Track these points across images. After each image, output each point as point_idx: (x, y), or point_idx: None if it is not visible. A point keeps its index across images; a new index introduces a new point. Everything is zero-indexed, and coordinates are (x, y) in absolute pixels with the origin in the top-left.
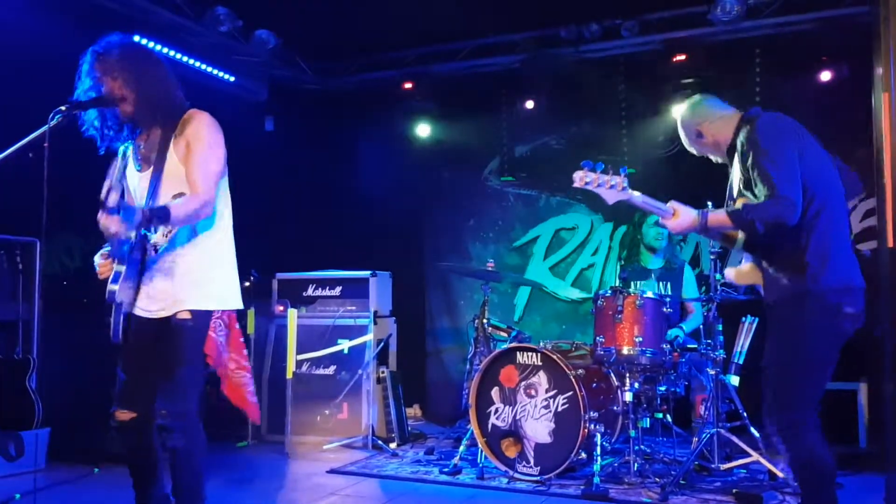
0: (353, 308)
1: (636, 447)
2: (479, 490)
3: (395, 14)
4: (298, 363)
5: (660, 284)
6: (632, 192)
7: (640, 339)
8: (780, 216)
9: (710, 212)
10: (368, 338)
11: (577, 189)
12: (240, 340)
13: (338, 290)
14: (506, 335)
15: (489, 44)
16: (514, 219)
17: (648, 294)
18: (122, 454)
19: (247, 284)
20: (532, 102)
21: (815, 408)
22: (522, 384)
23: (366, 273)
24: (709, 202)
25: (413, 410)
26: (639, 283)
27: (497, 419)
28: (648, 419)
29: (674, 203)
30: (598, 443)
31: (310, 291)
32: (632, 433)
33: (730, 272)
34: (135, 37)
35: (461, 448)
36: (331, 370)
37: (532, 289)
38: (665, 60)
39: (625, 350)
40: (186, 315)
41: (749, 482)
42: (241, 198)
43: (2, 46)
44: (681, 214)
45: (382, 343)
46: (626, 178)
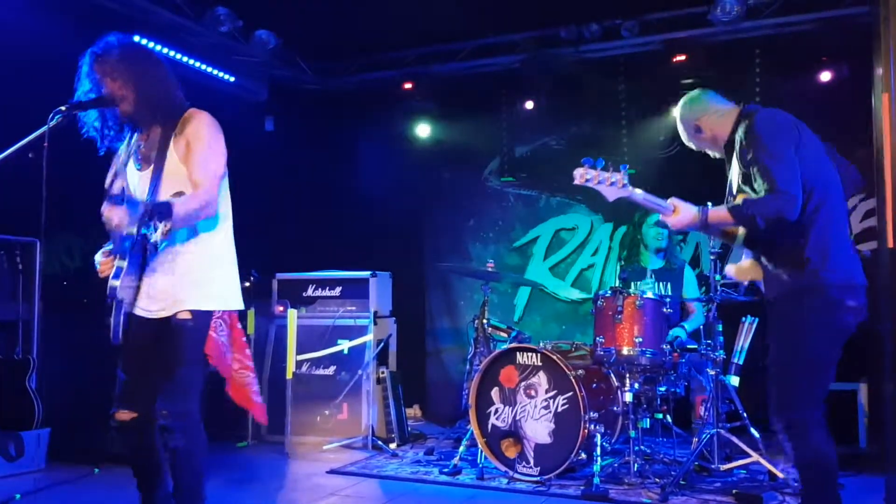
0: (353, 308)
1: (636, 448)
2: (479, 490)
3: (395, 14)
4: (298, 363)
5: (659, 285)
6: (632, 189)
7: (640, 340)
8: (781, 211)
9: (711, 208)
10: (368, 338)
11: (578, 189)
12: (242, 340)
13: (338, 291)
14: (506, 335)
15: (489, 44)
16: (514, 219)
17: (648, 294)
18: (125, 455)
19: (247, 285)
20: (532, 103)
21: (820, 406)
22: (522, 384)
23: (366, 273)
24: (709, 202)
25: (413, 411)
26: (638, 284)
27: (497, 419)
28: (648, 420)
29: (674, 200)
30: (598, 443)
31: (310, 292)
32: (632, 434)
33: (730, 268)
34: (135, 37)
35: (461, 448)
36: (331, 370)
37: (532, 289)
38: (665, 61)
39: (625, 350)
40: (187, 315)
41: (749, 483)
42: (241, 198)
43: (2, 46)
44: (681, 211)
45: (382, 343)
46: (627, 175)
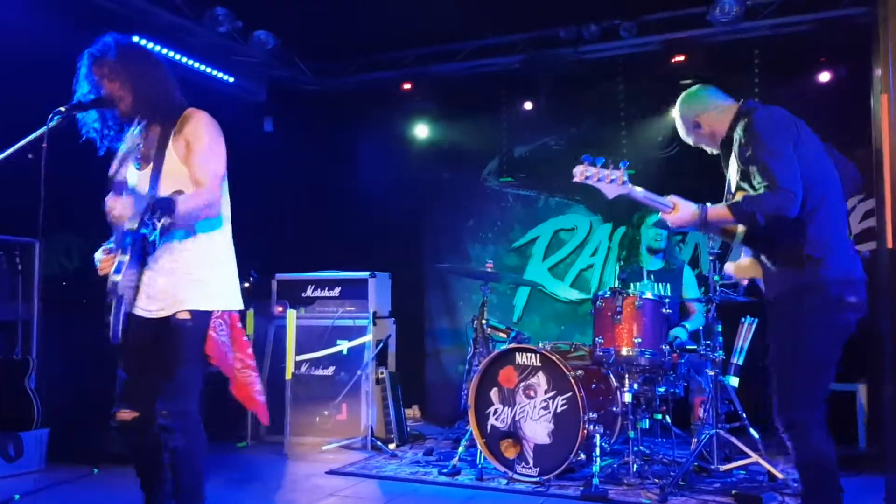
0: (353, 309)
1: (635, 448)
2: (478, 491)
3: (395, 15)
4: (297, 364)
5: (659, 285)
6: (632, 187)
7: (640, 340)
8: (781, 208)
9: (710, 206)
10: (367, 338)
11: (577, 190)
12: (243, 339)
13: (337, 291)
14: (505, 336)
15: (488, 44)
16: (514, 219)
17: (647, 295)
18: (127, 455)
19: (246, 285)
20: (531, 103)
21: (821, 405)
22: (521, 385)
23: (365, 274)
24: (708, 203)
25: (412, 411)
26: (637, 286)
27: (496, 420)
28: (647, 420)
29: (674, 197)
30: (598, 444)
31: (309, 292)
32: (631, 434)
33: (729, 266)
34: (134, 37)
35: (460, 449)
36: (330, 371)
37: (531, 289)
38: (664, 61)
39: (624, 351)
40: (186, 315)
41: (748, 483)
42: (241, 198)
43: (2, 46)
44: (681, 208)
45: (381, 344)
46: (626, 173)
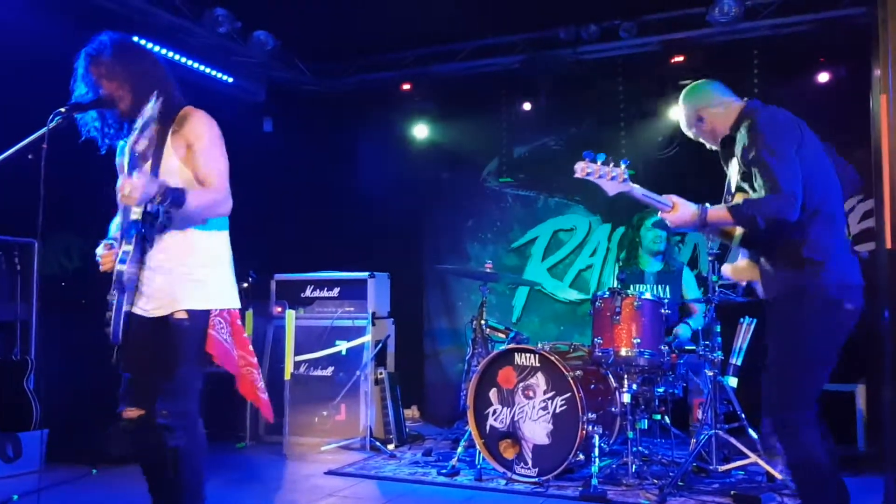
0: (352, 309)
1: (634, 448)
2: (477, 491)
3: (394, 15)
4: (296, 364)
5: (658, 287)
6: (632, 185)
7: (639, 341)
8: (781, 211)
9: (710, 207)
10: (366, 339)
11: (576, 190)
12: (244, 337)
13: (336, 292)
14: (504, 336)
15: (488, 45)
16: (513, 220)
17: (646, 295)
18: (127, 455)
19: (245, 285)
20: (530, 103)
21: (813, 406)
22: (520, 385)
23: (364, 274)
24: (707, 203)
25: (411, 412)
26: (637, 287)
27: (495, 420)
28: (646, 420)
29: (673, 197)
30: (596, 444)
31: (308, 292)
32: (630, 434)
33: (727, 268)
34: (133, 37)
35: (459, 449)
36: (329, 371)
37: (530, 290)
38: (663, 61)
39: (623, 351)
40: (183, 315)
41: (747, 484)
42: (240, 198)
43: (2, 46)
44: (680, 208)
45: (380, 344)
46: (627, 170)
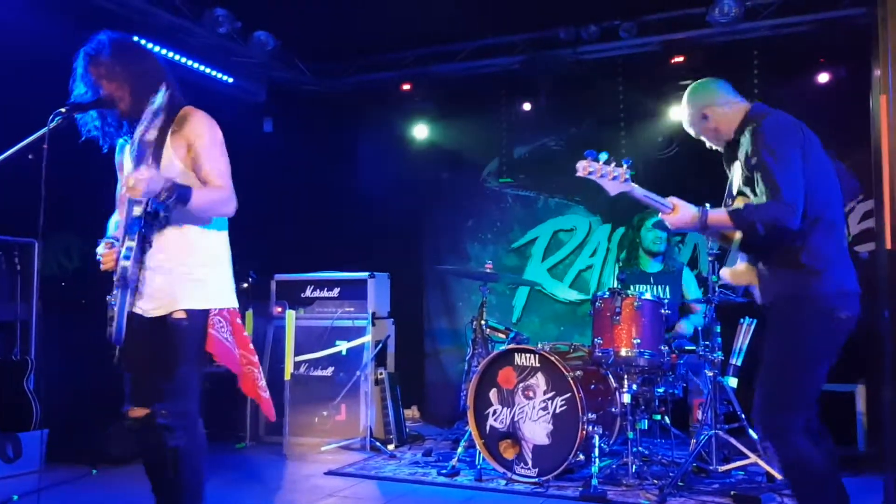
0: (352, 309)
1: (634, 449)
2: (477, 492)
3: (394, 15)
4: (296, 364)
5: (658, 287)
6: (633, 185)
7: (639, 341)
8: (782, 219)
9: (711, 210)
10: (366, 339)
11: (576, 190)
12: (244, 335)
13: (336, 292)
14: (504, 336)
15: (488, 45)
16: (513, 220)
17: (646, 296)
18: (138, 454)
19: (245, 286)
20: (530, 104)
21: (804, 411)
22: (520, 386)
23: (364, 274)
24: (707, 204)
25: (411, 412)
26: (637, 287)
27: (495, 421)
28: (646, 421)
29: (674, 199)
30: (597, 444)
31: (308, 293)
32: (630, 435)
33: (725, 272)
34: (133, 37)
35: (459, 450)
36: (329, 371)
37: (530, 290)
38: (663, 62)
39: (623, 351)
40: (182, 315)
41: (747, 484)
42: (240, 199)
43: (2, 46)
44: (680, 210)
45: (381, 344)
46: (629, 170)
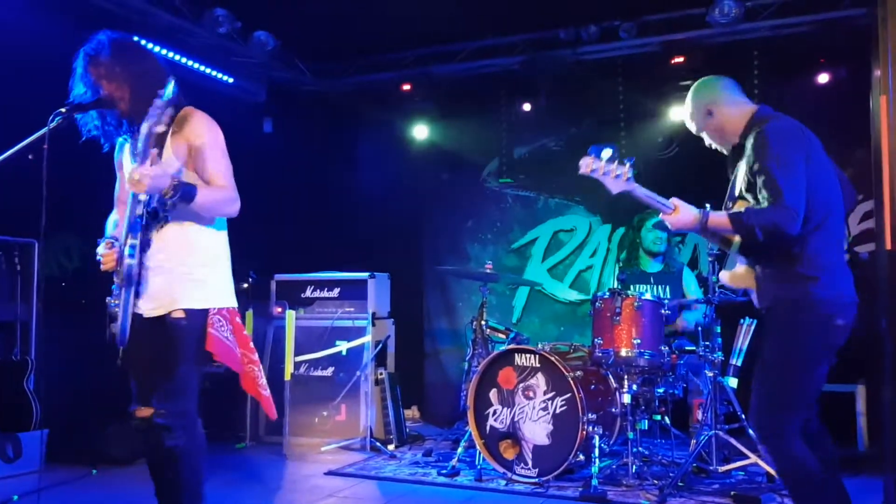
0: (352, 309)
1: (634, 449)
2: (477, 492)
3: (394, 16)
4: (297, 365)
5: (658, 287)
6: (635, 185)
7: (639, 341)
8: (782, 225)
9: (712, 212)
10: (367, 339)
11: (576, 191)
12: (244, 334)
13: (336, 292)
14: (504, 337)
15: (488, 45)
16: (513, 220)
17: (646, 296)
18: (143, 454)
19: (245, 286)
20: (531, 104)
21: (800, 412)
22: (521, 386)
23: (364, 274)
24: (707, 204)
25: (411, 412)
26: (637, 287)
27: (495, 421)
28: (647, 421)
29: (675, 200)
30: (597, 445)
31: (308, 293)
32: (630, 435)
33: (724, 275)
34: (133, 37)
35: (459, 450)
36: (329, 372)
37: (530, 290)
38: (663, 62)
39: (623, 352)
40: (181, 314)
41: (747, 484)
42: (240, 199)
43: (2, 46)
44: (681, 211)
45: (381, 344)
46: (632, 169)
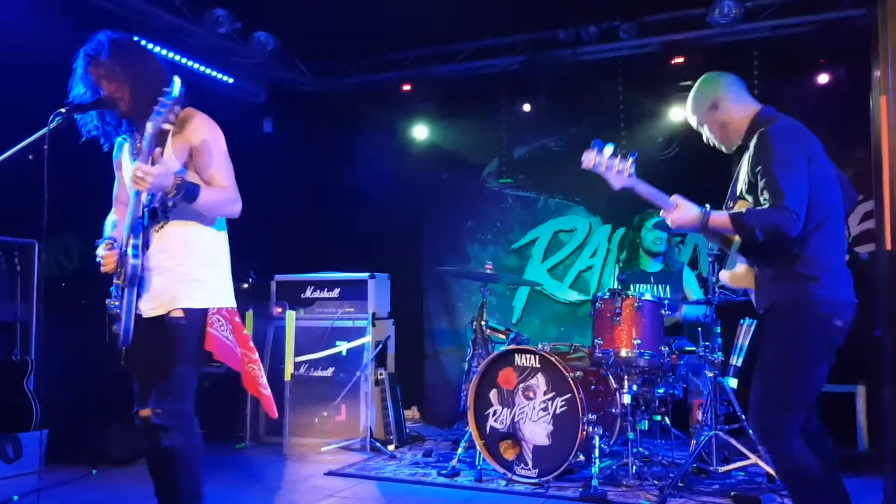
0: (352, 310)
1: (634, 449)
2: (477, 492)
3: (394, 16)
4: (297, 365)
5: (658, 287)
6: (637, 180)
7: (639, 342)
8: (783, 226)
9: (713, 211)
10: (367, 339)
11: (576, 191)
12: (244, 334)
13: (336, 292)
14: (504, 337)
15: (488, 46)
16: (513, 220)
17: (646, 296)
18: (144, 454)
19: (245, 286)
20: (530, 104)
21: (800, 413)
22: (521, 386)
23: (364, 275)
24: (707, 204)
25: (411, 412)
26: (637, 287)
27: (495, 421)
28: (647, 421)
29: (677, 197)
30: (597, 445)
31: (308, 293)
32: (630, 435)
33: (724, 275)
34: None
35: (459, 450)
36: (329, 372)
37: (530, 291)
38: (663, 63)
39: (623, 352)
40: (179, 314)
41: (747, 485)
42: (241, 199)
43: (2, 46)
44: (683, 209)
45: (381, 345)
46: (634, 165)
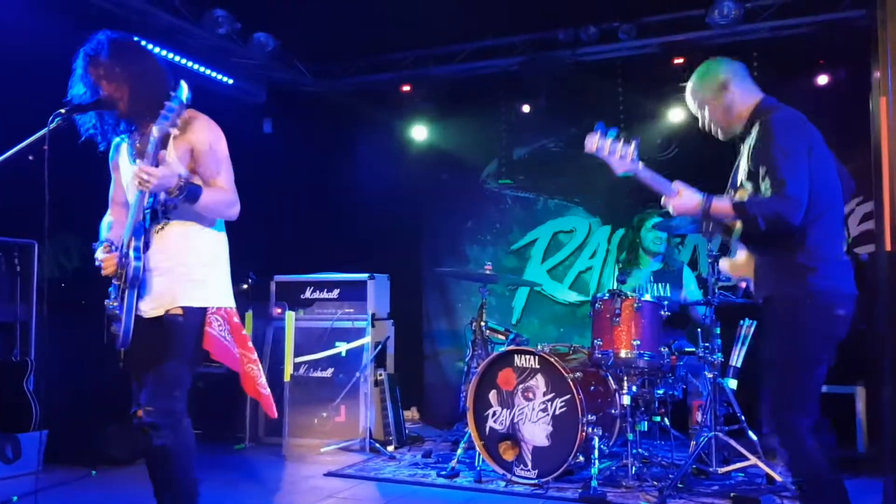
0: (351, 310)
1: (634, 450)
2: (477, 493)
3: (394, 17)
4: (296, 366)
5: (658, 286)
6: (640, 165)
7: (638, 343)
8: (785, 215)
9: (714, 198)
10: (366, 340)
11: (576, 192)
12: (242, 334)
13: (336, 293)
14: (503, 338)
15: (487, 46)
16: (512, 221)
17: (646, 297)
18: (143, 454)
19: (245, 287)
20: (530, 105)
21: (809, 409)
22: (520, 387)
23: (364, 275)
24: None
25: (411, 413)
26: (636, 279)
27: (495, 422)
28: (646, 422)
29: (679, 183)
30: (596, 446)
31: (308, 294)
32: (629, 436)
33: (724, 263)
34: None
35: (459, 451)
36: (328, 373)
37: (530, 291)
38: (663, 63)
39: (623, 353)
40: (178, 312)
41: (747, 486)
42: (240, 199)
43: (2, 46)
44: (685, 195)
45: (380, 345)
46: (637, 150)
